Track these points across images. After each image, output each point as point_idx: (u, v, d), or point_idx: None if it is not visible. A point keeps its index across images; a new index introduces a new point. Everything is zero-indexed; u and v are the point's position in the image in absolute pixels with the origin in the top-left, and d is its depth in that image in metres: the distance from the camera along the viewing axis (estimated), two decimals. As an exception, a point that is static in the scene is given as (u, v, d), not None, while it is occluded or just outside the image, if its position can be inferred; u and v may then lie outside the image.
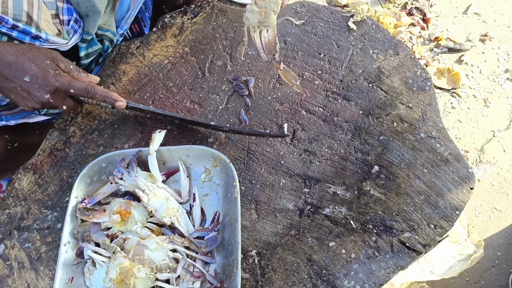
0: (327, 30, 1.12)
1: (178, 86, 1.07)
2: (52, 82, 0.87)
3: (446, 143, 0.96)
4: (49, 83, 0.87)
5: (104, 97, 0.93)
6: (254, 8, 0.81)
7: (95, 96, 0.92)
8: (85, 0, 1.01)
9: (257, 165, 0.97)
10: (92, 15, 1.04)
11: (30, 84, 0.86)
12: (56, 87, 0.88)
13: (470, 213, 1.56)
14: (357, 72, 1.06)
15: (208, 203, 0.92)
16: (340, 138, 0.99)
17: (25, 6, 0.90)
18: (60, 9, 1.00)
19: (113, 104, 0.94)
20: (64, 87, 0.88)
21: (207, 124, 0.99)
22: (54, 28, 0.97)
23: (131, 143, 1.01)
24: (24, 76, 0.85)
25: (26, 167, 0.99)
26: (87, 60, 1.10)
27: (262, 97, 1.05)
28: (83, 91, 0.91)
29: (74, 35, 1.02)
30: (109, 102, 0.94)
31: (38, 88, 0.87)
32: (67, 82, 0.89)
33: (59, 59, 0.92)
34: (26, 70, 0.86)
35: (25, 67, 0.86)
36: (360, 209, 0.91)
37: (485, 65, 1.81)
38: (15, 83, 0.87)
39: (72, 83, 0.89)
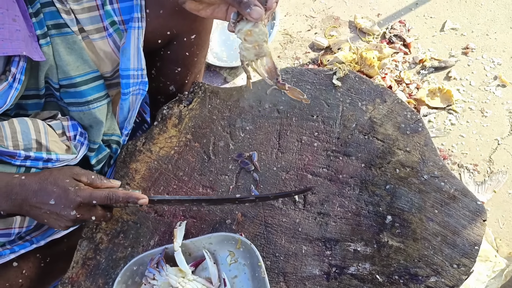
0: (315, 91, 1.19)
1: (188, 174, 1.14)
2: (74, 199, 0.92)
3: (450, 179, 1.00)
4: (72, 200, 0.92)
5: (127, 199, 0.97)
6: (247, 45, 0.87)
7: (117, 201, 0.96)
8: (87, 114, 1.10)
9: (277, 237, 1.01)
10: (96, 125, 1.12)
11: (56, 206, 0.91)
12: (78, 202, 0.92)
13: (494, 226, 1.57)
14: (351, 127, 1.12)
15: (238, 285, 0.96)
16: (349, 195, 1.03)
17: (33, 135, 0.99)
18: (66, 127, 1.09)
19: (137, 203, 0.98)
20: (86, 200, 0.93)
21: (234, 198, 1.04)
22: (62, 145, 1.06)
23: (156, 238, 1.07)
24: (49, 200, 0.91)
25: (64, 281, 1.05)
26: (98, 166, 1.18)
27: (267, 169, 1.10)
28: (105, 199, 0.95)
29: (81, 147, 1.10)
30: (132, 202, 0.98)
31: (64, 207, 0.91)
32: (88, 195, 0.93)
33: (80, 173, 0.97)
34: (50, 194, 0.91)
35: (49, 192, 0.91)
36: (382, 262, 0.94)
37: (473, 76, 1.86)
38: (44, 209, 0.92)
39: (93, 195, 0.94)
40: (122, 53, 1.07)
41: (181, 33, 1.16)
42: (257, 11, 0.79)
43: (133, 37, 1.05)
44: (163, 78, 1.33)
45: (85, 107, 1.08)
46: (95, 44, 1.06)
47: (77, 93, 1.06)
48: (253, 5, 0.79)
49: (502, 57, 1.88)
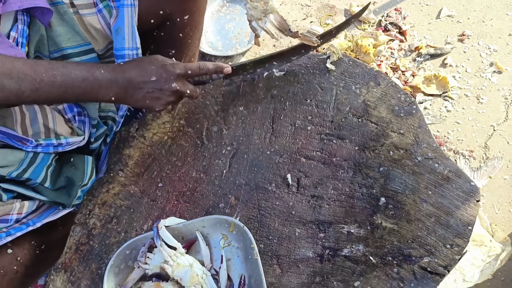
0: (308, 75, 1.18)
1: (181, 159, 1.13)
2: (173, 70, 0.97)
3: (444, 161, 1.00)
4: (171, 72, 0.97)
5: (215, 67, 1.05)
6: (254, 4, 0.96)
7: (207, 69, 1.03)
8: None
9: (270, 221, 1.01)
10: (88, 103, 1.12)
11: (158, 82, 0.97)
12: (177, 74, 0.98)
13: (489, 211, 1.57)
14: (344, 110, 1.11)
15: (232, 268, 0.96)
16: (343, 177, 1.03)
17: (41, 119, 0.99)
18: (62, 110, 1.09)
19: (222, 71, 1.06)
20: (183, 70, 0.99)
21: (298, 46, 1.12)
22: (68, 129, 1.06)
23: (149, 223, 1.06)
24: (151, 77, 0.96)
25: (57, 267, 1.05)
26: (96, 143, 1.18)
27: (261, 153, 1.10)
28: (198, 68, 1.02)
29: (85, 126, 1.10)
30: (219, 71, 1.05)
31: (165, 81, 0.97)
32: (183, 66, 0.99)
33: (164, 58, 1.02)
34: (150, 72, 0.96)
35: (148, 70, 0.96)
36: (376, 243, 0.94)
37: (469, 63, 1.85)
38: (147, 88, 0.97)
39: (187, 65, 1.00)
40: (116, 33, 1.07)
41: (174, 13, 1.16)
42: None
43: (127, 15, 1.05)
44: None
45: None
46: (84, 20, 1.06)
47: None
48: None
49: (498, 44, 1.87)
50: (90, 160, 1.14)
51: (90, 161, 1.14)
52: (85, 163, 1.13)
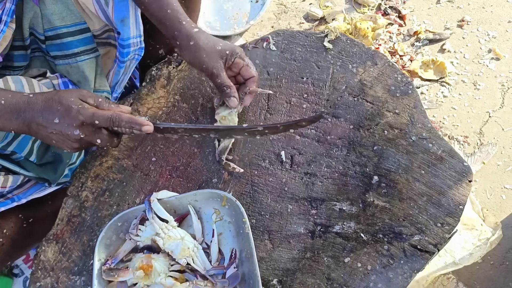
0: (305, 53, 1.17)
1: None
2: (76, 116, 0.88)
3: (438, 141, 1.00)
4: (74, 118, 0.88)
5: (130, 123, 0.91)
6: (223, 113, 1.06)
7: (120, 124, 0.91)
8: (75, 67, 1.08)
9: (263, 196, 1.01)
10: (84, 81, 1.10)
11: (60, 125, 0.88)
12: (81, 121, 0.88)
13: (482, 196, 1.58)
14: (340, 89, 1.11)
15: (223, 242, 0.96)
16: (337, 156, 1.03)
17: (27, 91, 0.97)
18: (56, 85, 1.07)
19: (140, 130, 0.93)
20: (89, 119, 0.89)
21: (242, 128, 0.99)
22: None
23: (142, 197, 1.06)
24: (54, 118, 0.88)
25: (48, 238, 1.05)
26: None
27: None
28: (108, 121, 0.90)
29: None
30: (136, 129, 0.93)
31: (67, 126, 0.88)
32: (90, 114, 0.89)
33: (88, 95, 0.93)
34: (54, 113, 0.88)
35: (53, 110, 0.88)
36: (367, 221, 0.94)
37: (467, 49, 1.85)
38: (50, 128, 0.89)
39: (96, 115, 0.89)
40: (122, 23, 1.05)
41: None
42: (233, 101, 1.01)
43: (131, 4, 1.03)
44: (152, 41, 1.31)
45: (72, 59, 1.06)
46: (79, 1, 1.04)
47: (63, 45, 1.04)
48: (232, 96, 1.01)
49: (497, 30, 1.86)
50: None
51: None
52: None
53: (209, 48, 0.99)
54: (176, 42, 1.01)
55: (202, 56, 0.99)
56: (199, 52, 0.99)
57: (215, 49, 1.00)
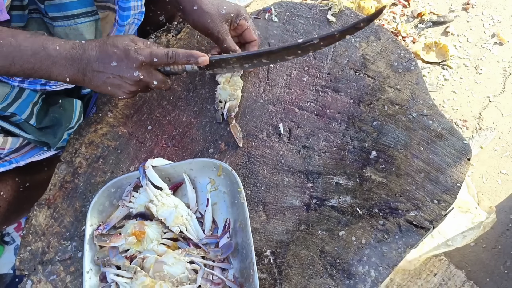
0: (308, 26, 1.15)
1: (172, 103, 1.10)
2: (136, 57, 0.88)
3: (438, 118, 0.99)
4: (133, 59, 0.88)
5: (187, 57, 0.91)
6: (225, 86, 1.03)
7: (177, 59, 0.91)
8: (74, 30, 1.05)
9: (259, 168, 1.00)
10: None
11: (119, 67, 0.88)
12: (141, 61, 0.88)
13: (477, 180, 1.58)
14: (342, 63, 1.08)
15: (217, 212, 0.95)
16: (335, 130, 1.01)
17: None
18: None
19: (197, 62, 0.92)
20: (148, 58, 0.89)
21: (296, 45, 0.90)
22: None
23: (136, 164, 1.04)
24: (111, 61, 0.88)
25: (40, 203, 1.03)
26: (88, 89, 1.14)
27: (254, 101, 1.07)
28: (165, 57, 0.90)
29: None
30: (193, 61, 0.92)
31: (126, 68, 0.88)
32: (148, 53, 0.89)
33: (137, 39, 0.93)
34: (111, 55, 0.88)
35: (109, 54, 0.88)
36: (364, 195, 0.94)
37: (471, 33, 1.82)
38: (107, 73, 0.88)
39: (154, 52, 0.89)
40: None
41: None
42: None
43: None
44: (153, 6, 1.27)
45: (71, 21, 1.03)
46: None
47: (62, 6, 1.00)
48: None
49: (502, 15, 1.83)
50: (79, 104, 1.11)
51: (78, 104, 1.11)
52: (73, 105, 1.09)
53: (214, 12, 0.97)
54: (180, 7, 0.99)
55: (207, 21, 0.97)
56: (203, 16, 0.97)
57: (219, 13, 0.97)
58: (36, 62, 0.85)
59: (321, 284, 0.88)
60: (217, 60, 0.95)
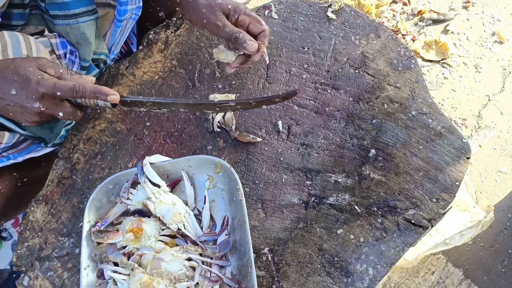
0: (308, 23, 1.14)
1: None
2: (36, 88, 0.81)
3: (438, 117, 0.98)
4: (33, 90, 0.82)
5: (95, 93, 0.85)
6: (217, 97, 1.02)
7: (84, 94, 0.84)
8: (75, 29, 1.05)
9: (257, 165, 0.99)
10: (83, 42, 1.07)
11: (18, 96, 0.83)
12: (41, 93, 0.82)
13: (476, 179, 1.58)
14: (342, 61, 1.08)
15: (216, 209, 0.95)
16: (334, 127, 1.01)
17: (24, 50, 0.93)
18: (54, 44, 1.04)
19: (106, 99, 0.86)
20: (50, 90, 0.82)
21: (213, 103, 0.93)
22: None
23: (134, 161, 1.04)
24: (11, 89, 0.82)
25: (38, 199, 1.03)
26: None
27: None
28: (71, 92, 0.83)
29: (73, 66, 1.05)
30: (101, 98, 0.86)
31: (26, 98, 0.82)
32: (51, 85, 0.82)
33: (47, 65, 0.87)
34: (11, 83, 0.82)
35: (9, 80, 0.82)
36: (362, 193, 0.93)
37: (471, 31, 1.82)
38: (7, 100, 0.84)
39: (57, 85, 0.82)
40: None
41: None
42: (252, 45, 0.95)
43: None
44: (153, 2, 1.27)
45: (73, 20, 1.02)
46: None
47: (64, 4, 0.99)
48: (248, 40, 0.94)
49: (502, 14, 1.83)
50: None
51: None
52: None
53: (209, 3, 0.96)
54: (176, 0, 0.98)
55: (202, 11, 0.96)
56: (198, 8, 0.96)
57: (214, 3, 0.96)
58: None
59: (319, 282, 0.87)
60: (132, 101, 0.92)
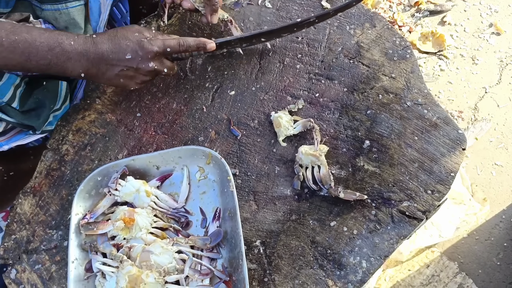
0: (302, 12, 1.12)
1: (162, 90, 1.08)
2: (150, 48, 0.90)
3: (433, 107, 0.97)
4: (148, 51, 0.90)
5: (197, 44, 0.96)
6: (308, 150, 0.92)
7: (188, 46, 0.95)
8: (64, 14, 1.02)
9: (250, 157, 0.98)
10: (73, 28, 1.04)
11: (133, 60, 0.90)
12: (155, 52, 0.91)
13: (472, 172, 1.56)
14: (336, 50, 1.06)
15: (207, 201, 0.93)
16: (328, 118, 0.99)
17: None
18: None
19: (205, 48, 0.97)
20: (161, 48, 0.91)
21: (294, 23, 1.01)
22: None
23: (125, 152, 1.02)
24: (126, 54, 0.89)
25: (26, 191, 1.01)
26: None
27: (246, 89, 1.05)
28: (178, 46, 0.93)
29: None
30: (201, 47, 0.96)
31: (141, 60, 0.90)
32: (161, 43, 0.92)
33: (142, 29, 0.94)
34: (125, 48, 0.89)
35: (123, 46, 0.89)
36: (356, 185, 0.92)
37: (468, 22, 1.80)
38: (121, 65, 0.90)
39: (166, 42, 0.92)
40: None
41: None
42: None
43: None
44: None
45: (62, 5, 1.00)
46: None
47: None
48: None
49: (499, 5, 1.81)
50: (64, 85, 1.08)
51: (64, 86, 1.07)
52: (58, 87, 1.06)
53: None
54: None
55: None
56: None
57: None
58: (52, 58, 0.86)
59: (311, 274, 0.86)
60: (221, 43, 1.01)
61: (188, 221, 0.91)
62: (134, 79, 0.93)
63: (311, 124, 0.95)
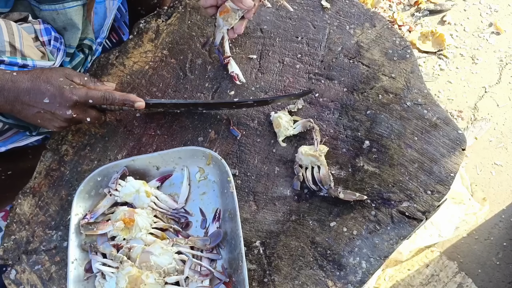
0: (301, 12, 1.12)
1: (162, 90, 1.08)
2: (70, 97, 0.88)
3: (433, 108, 0.97)
4: (68, 99, 0.88)
5: (123, 100, 0.94)
6: (307, 151, 0.91)
7: (114, 101, 0.93)
8: (62, 14, 1.02)
9: (250, 157, 0.97)
10: (71, 28, 1.04)
11: (51, 104, 0.88)
12: (75, 101, 0.89)
13: (471, 172, 1.56)
14: (336, 50, 1.06)
15: (207, 201, 0.93)
16: (328, 119, 0.99)
17: (6, 37, 0.91)
18: (38, 31, 1.01)
19: (133, 106, 0.95)
20: (83, 99, 0.90)
21: (231, 102, 1.00)
22: (37, 52, 0.98)
23: (124, 153, 1.02)
24: (43, 98, 0.88)
25: (25, 191, 1.01)
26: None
27: (246, 89, 1.05)
28: (102, 99, 0.92)
29: (58, 53, 1.03)
30: (128, 105, 0.94)
31: (59, 106, 0.89)
32: (84, 93, 0.90)
33: (73, 74, 0.94)
34: (44, 92, 0.88)
35: (42, 90, 0.88)
36: (356, 185, 0.92)
37: (468, 22, 1.80)
38: (37, 107, 0.89)
39: (89, 94, 0.91)
40: None
41: None
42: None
43: None
44: None
45: (59, 5, 0.99)
46: None
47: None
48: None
49: (499, 4, 1.81)
50: None
51: None
52: None
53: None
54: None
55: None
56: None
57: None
58: None
59: (311, 275, 0.86)
60: (154, 104, 0.99)
61: (188, 222, 0.91)
62: (52, 122, 0.91)
63: (311, 125, 0.94)
